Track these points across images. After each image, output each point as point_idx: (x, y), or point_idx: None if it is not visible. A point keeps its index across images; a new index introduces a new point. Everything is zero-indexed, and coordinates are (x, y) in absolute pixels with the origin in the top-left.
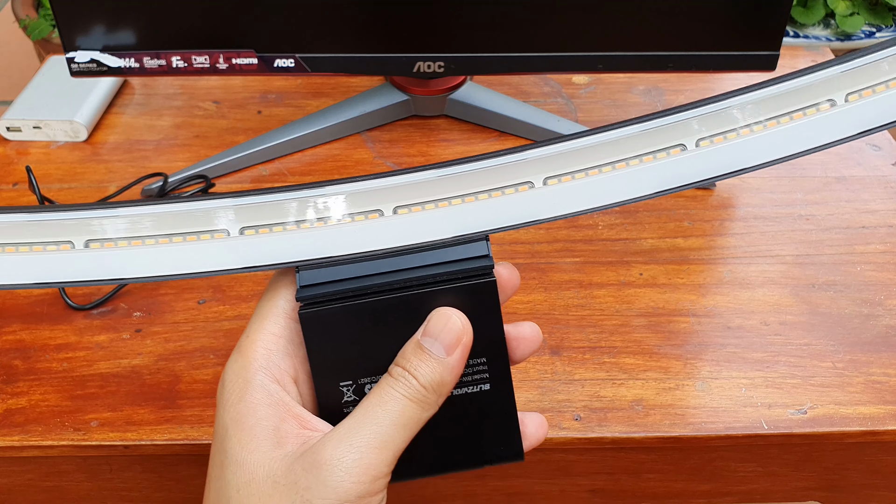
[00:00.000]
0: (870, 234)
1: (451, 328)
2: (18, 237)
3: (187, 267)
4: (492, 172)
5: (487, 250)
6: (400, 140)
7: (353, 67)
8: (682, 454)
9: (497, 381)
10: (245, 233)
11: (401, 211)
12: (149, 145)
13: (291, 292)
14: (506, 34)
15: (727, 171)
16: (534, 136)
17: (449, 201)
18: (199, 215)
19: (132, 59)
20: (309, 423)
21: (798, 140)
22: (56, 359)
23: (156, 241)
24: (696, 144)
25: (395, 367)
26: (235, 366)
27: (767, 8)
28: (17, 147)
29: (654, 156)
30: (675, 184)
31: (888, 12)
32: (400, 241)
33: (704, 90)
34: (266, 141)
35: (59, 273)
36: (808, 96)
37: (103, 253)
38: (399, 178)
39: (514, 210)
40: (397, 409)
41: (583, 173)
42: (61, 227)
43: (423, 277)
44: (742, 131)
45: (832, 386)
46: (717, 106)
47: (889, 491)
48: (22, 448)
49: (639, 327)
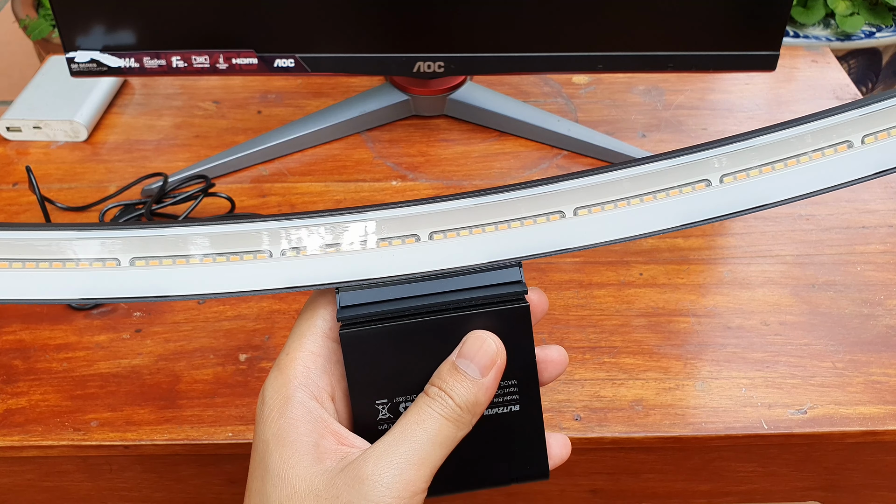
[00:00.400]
0: (870, 234)
1: (486, 350)
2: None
3: (231, 286)
4: (525, 202)
5: (520, 276)
6: (400, 140)
7: (353, 67)
8: (682, 454)
9: (527, 402)
10: (287, 254)
11: (436, 236)
12: (149, 145)
13: (329, 312)
14: (506, 34)
15: (748, 206)
16: (534, 135)
17: (483, 228)
18: (243, 237)
19: (132, 59)
20: (346, 440)
21: (816, 179)
22: (56, 359)
23: (200, 259)
24: (720, 180)
25: (432, 386)
26: (276, 383)
27: (767, 8)
28: (17, 147)
29: (680, 190)
30: (699, 217)
31: (888, 12)
32: (436, 265)
33: (704, 90)
34: (266, 141)
35: (103, 289)
36: (826, 137)
37: (148, 271)
38: (435, 206)
39: (545, 238)
40: (434, 427)
41: (612, 205)
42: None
43: (458, 301)
44: (763, 169)
45: (832, 386)
46: (741, 145)
47: (889, 491)
48: (22, 448)
49: (639, 327)
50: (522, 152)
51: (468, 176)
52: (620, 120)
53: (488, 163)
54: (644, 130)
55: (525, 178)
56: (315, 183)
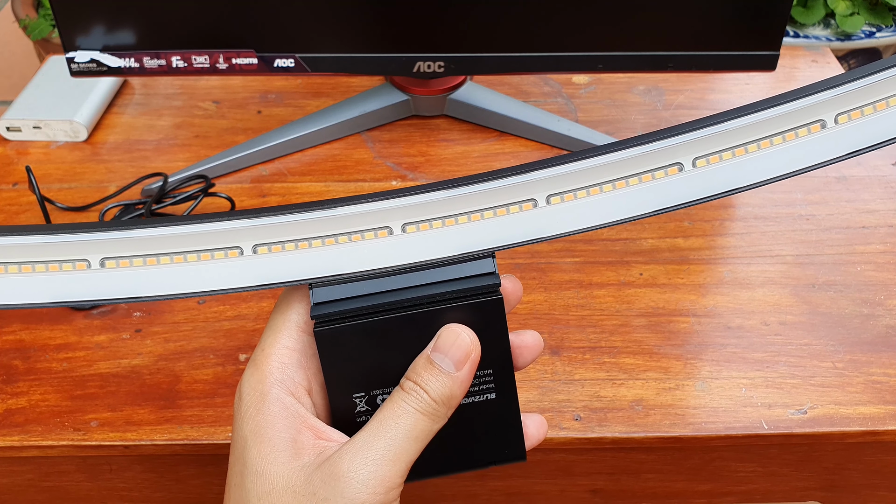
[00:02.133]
0: (870, 234)
1: (461, 344)
2: (33, 256)
3: (202, 285)
4: (497, 191)
5: (494, 267)
6: (400, 140)
7: (353, 67)
8: (682, 454)
9: (502, 389)
10: (258, 251)
11: (409, 229)
12: (149, 145)
13: (303, 306)
14: (506, 34)
15: (723, 190)
16: (534, 135)
17: (456, 219)
18: (213, 236)
19: (132, 59)
20: (324, 434)
21: (790, 160)
22: (56, 359)
23: (171, 259)
24: (693, 164)
25: (407, 381)
26: (252, 379)
27: (767, 8)
28: (17, 147)
29: (652, 175)
30: (674, 202)
31: (888, 12)
32: (409, 258)
33: (704, 90)
34: (266, 141)
35: (74, 292)
36: (799, 118)
37: (119, 272)
38: (407, 199)
39: (518, 228)
40: (409, 422)
41: (584, 192)
42: (76, 246)
43: (432, 295)
44: (736, 151)
45: (832, 386)
46: (713, 129)
47: (889, 491)
48: (22, 448)
49: (639, 327)
50: (522, 152)
51: None
52: (620, 120)
53: (488, 163)
54: (644, 130)
55: None
56: (315, 183)
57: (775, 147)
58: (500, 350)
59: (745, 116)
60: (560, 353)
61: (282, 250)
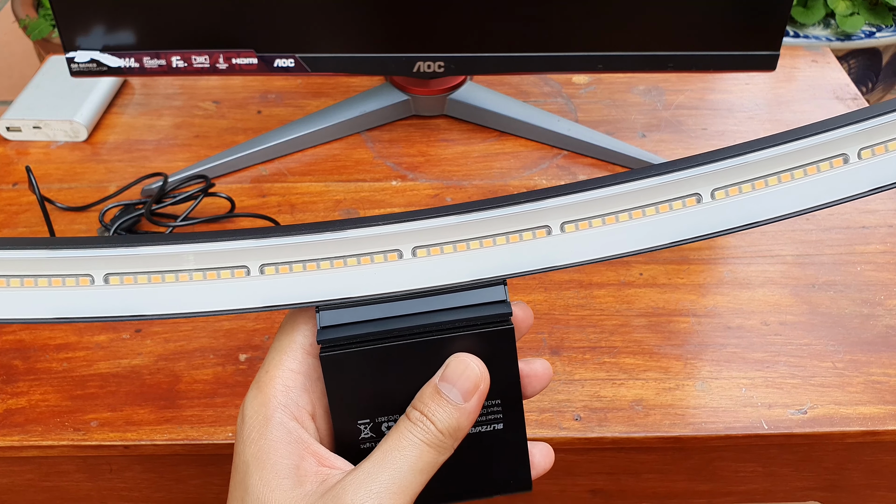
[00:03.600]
0: (870, 234)
1: (469, 375)
2: (34, 270)
3: (207, 305)
4: (510, 218)
5: (505, 295)
6: (400, 140)
7: (353, 67)
8: (682, 454)
9: (510, 420)
10: (265, 271)
11: (419, 252)
12: (149, 145)
13: (309, 328)
14: (506, 34)
15: (741, 223)
16: (534, 135)
17: (467, 244)
18: (220, 255)
19: (132, 59)
20: (327, 461)
21: (811, 195)
22: (56, 359)
23: (176, 277)
24: (712, 196)
25: (413, 410)
26: (255, 402)
27: (767, 8)
28: (16, 147)
29: (669, 205)
30: (690, 234)
31: (888, 12)
32: (418, 283)
33: (704, 90)
34: (266, 141)
35: (76, 308)
36: (822, 151)
37: (123, 289)
38: (418, 224)
39: (531, 255)
40: (415, 454)
41: (599, 220)
42: (80, 261)
43: (441, 323)
44: (756, 184)
45: (832, 386)
46: (734, 161)
47: (889, 491)
48: (22, 448)
49: (639, 327)
50: (522, 152)
51: (468, 176)
52: (620, 120)
53: (488, 163)
54: (644, 130)
55: (525, 178)
56: (315, 183)
57: (796, 181)
58: (509, 380)
59: (766, 149)
60: (560, 353)
61: (289, 271)
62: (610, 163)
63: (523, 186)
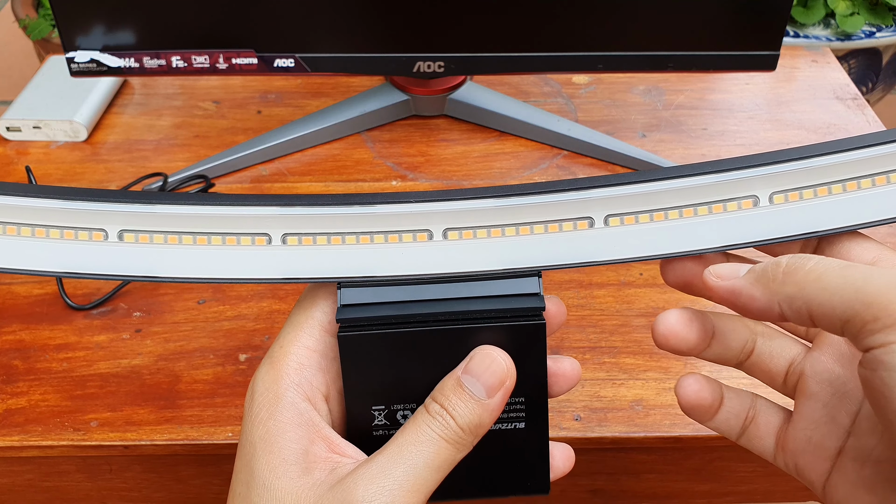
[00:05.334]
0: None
1: (495, 370)
2: (47, 220)
3: (223, 271)
4: (551, 206)
5: (539, 288)
6: (400, 140)
7: (353, 67)
8: (682, 454)
9: (533, 419)
10: (287, 241)
11: (451, 235)
12: (149, 145)
13: (329, 304)
14: (506, 34)
15: (799, 232)
16: (534, 135)
17: (503, 230)
18: (242, 220)
19: (132, 59)
20: (338, 448)
21: (877, 207)
22: (56, 359)
23: (193, 239)
24: (770, 199)
25: (433, 402)
26: (267, 378)
27: (767, 8)
28: (16, 147)
29: (724, 206)
30: (743, 240)
31: (888, 12)
32: (447, 267)
33: (704, 90)
34: (266, 141)
35: (86, 264)
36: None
37: (137, 248)
38: (452, 204)
39: (569, 248)
40: (432, 450)
41: (647, 216)
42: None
43: (469, 311)
44: (819, 190)
45: None
46: (797, 165)
47: None
48: (22, 448)
49: (639, 327)
50: (522, 152)
51: (468, 176)
52: (620, 120)
53: (488, 163)
54: (644, 130)
55: (525, 179)
56: (315, 183)
57: (863, 191)
58: (536, 378)
59: (833, 154)
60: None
61: (313, 243)
62: (610, 163)
63: None
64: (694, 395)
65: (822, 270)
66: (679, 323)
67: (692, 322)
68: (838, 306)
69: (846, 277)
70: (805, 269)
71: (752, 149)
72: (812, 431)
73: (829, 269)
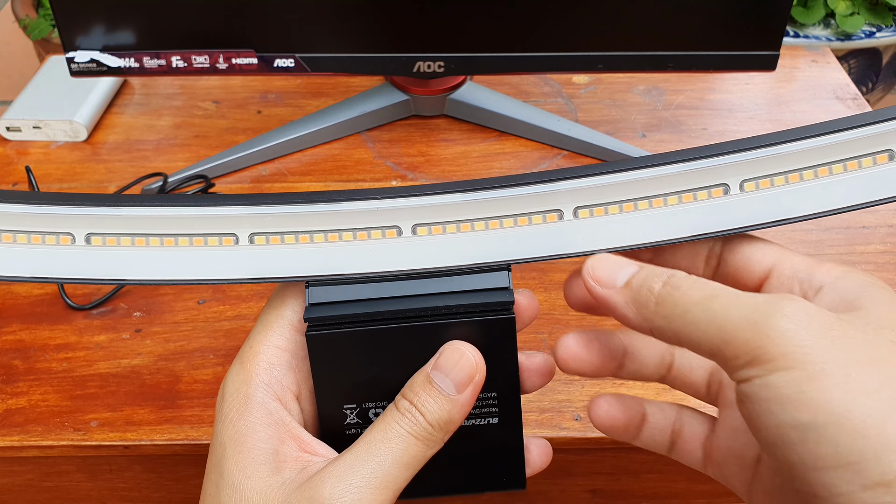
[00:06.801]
0: (870, 234)
1: (464, 365)
2: (13, 225)
3: (192, 273)
4: (519, 200)
5: (509, 282)
6: (400, 140)
7: (353, 67)
8: None
9: (506, 414)
10: (255, 240)
11: (420, 230)
12: (149, 145)
13: (298, 303)
14: (506, 34)
15: (771, 219)
16: (534, 135)
17: (472, 224)
18: (209, 221)
19: (132, 59)
20: (309, 447)
21: (850, 192)
22: (56, 359)
23: (161, 241)
24: (741, 187)
25: (402, 399)
26: (237, 379)
27: (767, 8)
28: (16, 147)
29: (694, 195)
30: (715, 228)
31: (888, 12)
32: (417, 262)
33: (704, 90)
34: (266, 141)
35: (55, 268)
36: (865, 146)
37: (104, 251)
38: (420, 200)
39: (539, 241)
40: (401, 446)
41: (616, 207)
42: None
43: (438, 308)
44: (790, 177)
45: None
46: (767, 151)
47: None
48: (22, 448)
49: None
50: (522, 152)
51: (468, 175)
52: (620, 120)
53: (488, 163)
54: (644, 130)
55: None
56: (315, 183)
57: (835, 176)
58: (507, 373)
59: (803, 140)
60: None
61: (280, 242)
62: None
63: None
64: (605, 416)
65: (688, 304)
66: (577, 345)
67: (592, 343)
68: (704, 342)
69: (709, 312)
70: (673, 302)
71: None
72: (732, 441)
73: (695, 302)
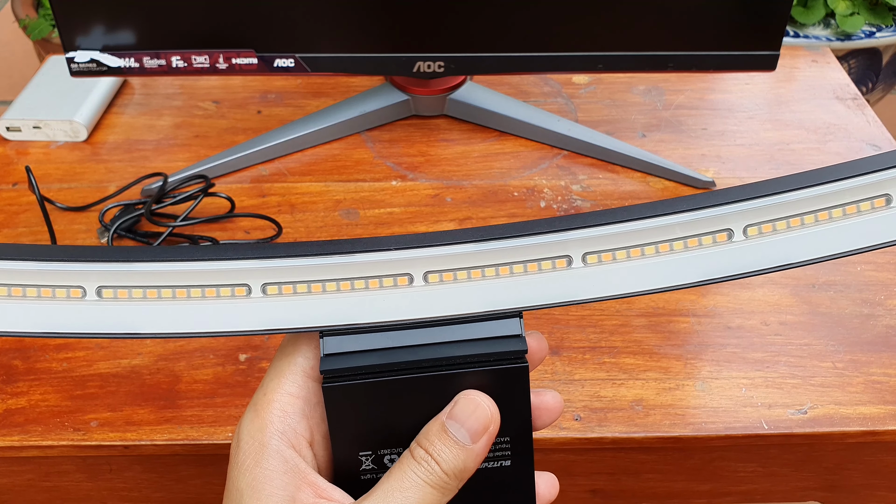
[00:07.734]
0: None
1: (480, 416)
2: (25, 280)
3: (205, 325)
4: (530, 247)
5: (520, 329)
6: (400, 140)
7: (353, 67)
8: (682, 454)
9: (518, 457)
10: (268, 290)
11: (431, 278)
12: (149, 145)
13: (310, 350)
14: (506, 34)
15: (774, 264)
16: (534, 135)
17: (482, 271)
18: (221, 274)
19: (132, 59)
20: (324, 492)
21: (850, 237)
22: (56, 359)
23: (173, 293)
24: (744, 233)
25: (418, 448)
26: (251, 427)
27: (767, 8)
28: (16, 147)
29: (699, 241)
30: (720, 274)
31: (888, 12)
32: (429, 311)
33: (704, 90)
34: (266, 141)
35: (66, 323)
36: (865, 192)
37: (116, 304)
38: (432, 251)
39: (550, 287)
40: (417, 495)
41: (624, 253)
42: (73, 274)
43: (452, 358)
44: (792, 222)
45: (832, 386)
46: (771, 200)
47: (889, 491)
48: (22, 448)
49: (639, 327)
50: (522, 152)
51: (468, 176)
52: (620, 120)
53: (488, 163)
54: (644, 130)
55: (525, 178)
56: (315, 183)
57: (835, 221)
58: (520, 418)
59: (805, 189)
60: (560, 353)
61: (293, 293)
62: (610, 163)
63: (523, 186)
64: None
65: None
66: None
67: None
68: None
69: None
70: None
71: (752, 148)
72: None
73: None
